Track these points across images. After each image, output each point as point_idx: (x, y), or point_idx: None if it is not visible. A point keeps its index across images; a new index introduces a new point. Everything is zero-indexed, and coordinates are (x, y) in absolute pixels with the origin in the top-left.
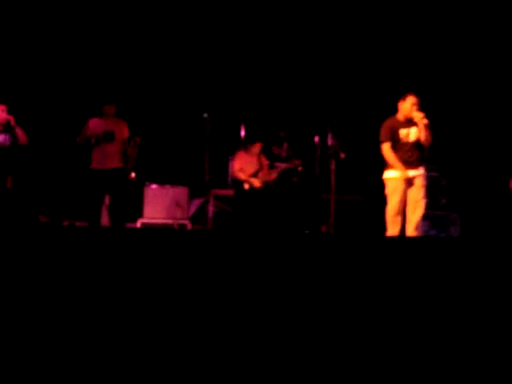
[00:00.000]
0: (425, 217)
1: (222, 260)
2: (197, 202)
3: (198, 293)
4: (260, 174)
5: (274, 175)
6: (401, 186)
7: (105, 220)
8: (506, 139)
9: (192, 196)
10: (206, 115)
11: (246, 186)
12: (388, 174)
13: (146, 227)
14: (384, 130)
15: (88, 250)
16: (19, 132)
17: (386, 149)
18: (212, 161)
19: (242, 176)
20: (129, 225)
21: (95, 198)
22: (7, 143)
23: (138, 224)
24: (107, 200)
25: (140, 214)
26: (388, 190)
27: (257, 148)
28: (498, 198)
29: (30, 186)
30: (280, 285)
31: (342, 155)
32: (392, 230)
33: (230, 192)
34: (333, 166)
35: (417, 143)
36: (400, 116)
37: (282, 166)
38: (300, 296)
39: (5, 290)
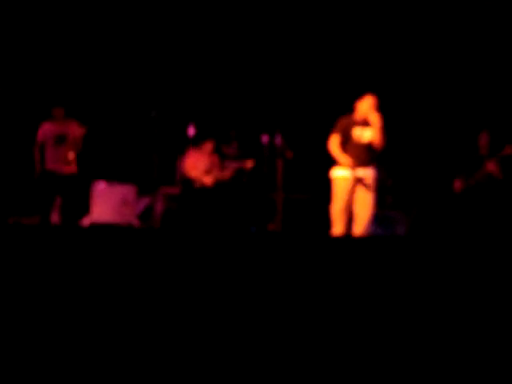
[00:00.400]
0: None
1: (169, 258)
2: (145, 200)
3: (145, 290)
4: (212, 173)
5: (228, 173)
6: (348, 184)
7: (55, 218)
8: (451, 140)
9: (140, 194)
10: (154, 113)
11: (197, 184)
12: (336, 173)
13: (94, 225)
14: (338, 124)
15: (36, 248)
16: None
17: (333, 140)
18: (160, 159)
19: (193, 174)
20: (77, 223)
21: (46, 198)
22: None
23: (86, 222)
24: (58, 200)
25: (87, 212)
26: (335, 189)
27: (208, 146)
28: (443, 198)
29: None
30: (226, 282)
31: (290, 154)
32: (337, 228)
33: (178, 190)
34: (280, 165)
35: (369, 145)
36: (357, 115)
37: (234, 165)
38: (246, 293)
39: None
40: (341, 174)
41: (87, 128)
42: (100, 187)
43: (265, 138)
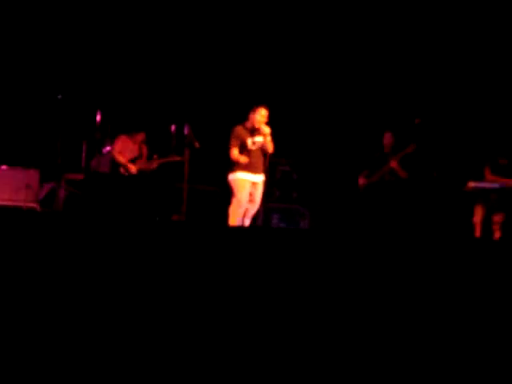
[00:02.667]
0: (275, 210)
1: (71, 243)
2: (48, 186)
3: (44, 273)
4: (138, 162)
5: (153, 165)
6: (247, 185)
7: None
8: (356, 138)
9: (43, 179)
10: (60, 97)
11: (122, 170)
12: (234, 176)
13: None
14: (233, 137)
15: None
16: None
17: (235, 153)
18: (65, 144)
19: (121, 159)
20: None
21: None
22: None
23: None
24: None
25: None
26: (235, 190)
27: (140, 137)
28: (347, 193)
29: None
30: (128, 270)
31: (197, 145)
32: (233, 223)
33: (81, 176)
34: (187, 156)
35: (261, 151)
36: (248, 124)
37: (161, 159)
38: (149, 283)
39: None
40: (239, 177)
41: None
42: (1, 170)
43: (173, 128)
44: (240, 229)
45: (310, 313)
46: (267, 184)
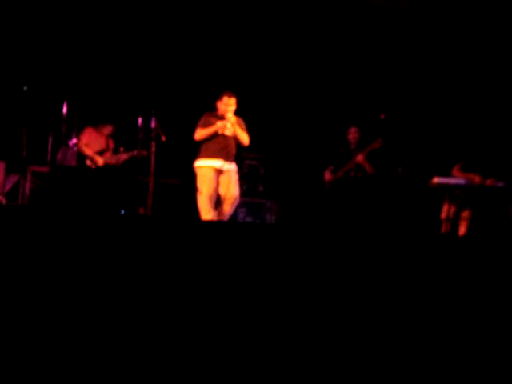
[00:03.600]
0: (241, 204)
1: (36, 236)
2: (13, 178)
3: (12, 269)
4: (105, 155)
5: (121, 158)
6: (211, 173)
7: None
8: (322, 134)
9: (8, 172)
10: (26, 88)
11: (89, 163)
12: (199, 163)
13: None
14: (200, 121)
15: None
16: None
17: (200, 132)
18: (30, 136)
19: (87, 151)
20: None
21: None
22: None
23: None
24: None
25: None
26: (199, 179)
27: (107, 129)
28: (313, 188)
29: None
30: (94, 264)
31: (163, 138)
32: (206, 217)
33: (47, 169)
34: (153, 149)
35: (233, 140)
36: (217, 113)
37: (128, 153)
38: (115, 276)
39: None
40: (204, 164)
41: None
42: None
43: (140, 121)
44: (205, 223)
45: (276, 307)
46: None
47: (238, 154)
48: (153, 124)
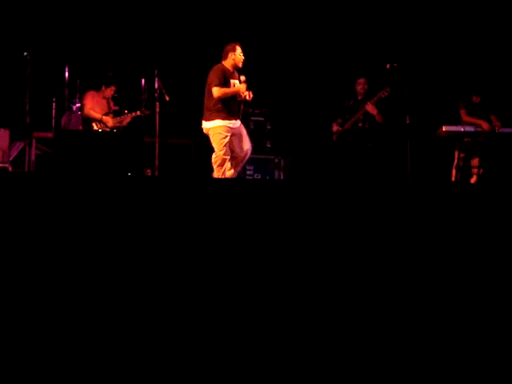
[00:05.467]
0: (249, 161)
1: (44, 203)
2: (18, 145)
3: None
4: (110, 117)
5: (126, 119)
6: (227, 133)
7: None
8: (328, 84)
9: (13, 139)
10: (26, 54)
11: (96, 127)
12: (214, 123)
13: None
14: (218, 75)
15: None
16: None
17: (219, 90)
18: (34, 102)
19: (95, 115)
20: None
21: None
22: None
23: None
24: None
25: None
26: (215, 139)
27: (109, 91)
28: (320, 142)
29: None
30: (103, 227)
31: (167, 98)
32: (219, 173)
33: (52, 135)
34: (158, 109)
35: (237, 97)
36: (227, 65)
37: (131, 114)
38: (124, 240)
39: None
40: (218, 124)
41: None
42: None
43: (143, 81)
44: (214, 181)
45: (285, 263)
46: None
47: (243, 110)
48: (156, 84)
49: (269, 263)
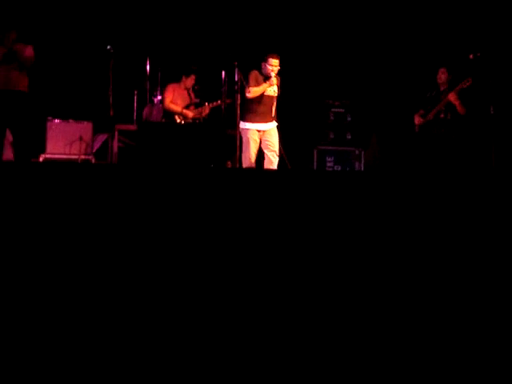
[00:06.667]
0: (329, 152)
1: (126, 194)
2: (101, 138)
3: (102, 227)
4: (190, 109)
5: (206, 111)
6: (255, 136)
7: (8, 156)
8: (410, 75)
9: (96, 131)
10: (109, 47)
11: (178, 119)
12: (243, 126)
13: (49, 162)
14: (251, 78)
15: None
16: None
17: (252, 89)
18: (116, 95)
19: (175, 108)
20: (32, 160)
21: None
22: None
23: (41, 159)
24: (10, 136)
25: (43, 150)
26: (243, 140)
27: (190, 81)
28: (402, 133)
29: None
30: (185, 219)
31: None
32: None
33: (134, 127)
34: (239, 101)
35: (274, 99)
36: (263, 72)
37: (212, 104)
38: (206, 230)
39: None
40: (248, 127)
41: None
42: (55, 124)
43: (223, 74)
44: (297, 172)
45: (365, 254)
46: (321, 126)
47: (323, 101)
48: (236, 76)
49: (352, 257)
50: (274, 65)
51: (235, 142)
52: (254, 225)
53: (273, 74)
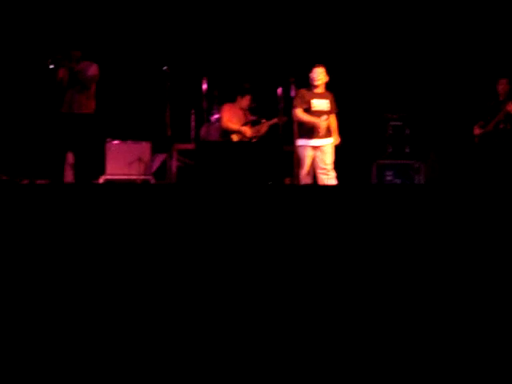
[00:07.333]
0: (388, 166)
1: (186, 214)
2: (159, 157)
3: (162, 247)
4: (248, 126)
5: (263, 129)
6: (309, 152)
7: (68, 178)
8: (468, 86)
9: (154, 151)
10: (165, 68)
11: (235, 138)
12: (298, 143)
13: (109, 183)
14: (297, 98)
15: (51, 207)
16: None
17: (299, 112)
18: (174, 115)
19: (233, 126)
20: (92, 182)
21: (59, 149)
22: None
23: (101, 181)
24: (71, 158)
25: (102, 171)
26: (298, 157)
27: (245, 101)
28: (462, 145)
29: None
30: (245, 236)
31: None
32: None
33: (192, 146)
34: (295, 118)
35: (326, 114)
36: (311, 87)
37: (268, 122)
38: (266, 246)
39: None
40: (302, 143)
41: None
42: (114, 145)
43: (280, 91)
44: (356, 187)
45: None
46: (379, 140)
47: (381, 115)
48: (293, 93)
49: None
50: (317, 74)
51: (293, 159)
52: (317, 240)
53: (317, 83)
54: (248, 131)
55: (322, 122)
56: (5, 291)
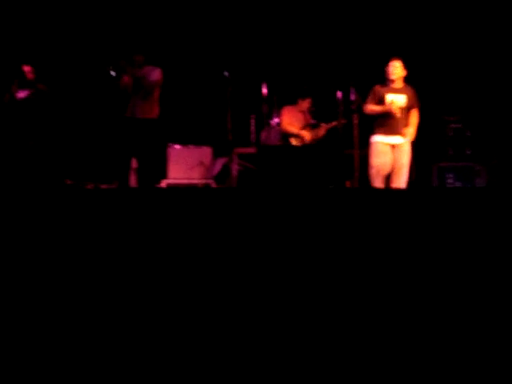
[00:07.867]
0: (449, 169)
1: (248, 218)
2: (220, 162)
3: (224, 251)
4: (307, 129)
5: (322, 132)
6: (385, 149)
7: (131, 183)
8: None
9: (215, 155)
10: (226, 73)
11: (294, 142)
12: (373, 139)
13: (171, 187)
14: (371, 92)
15: (116, 211)
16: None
17: (367, 106)
18: (234, 119)
19: (292, 130)
20: (155, 186)
21: (124, 154)
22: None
23: (163, 185)
24: (134, 163)
25: (164, 176)
26: (372, 154)
27: (306, 104)
28: None
29: (53, 148)
30: (306, 240)
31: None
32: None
33: (253, 150)
34: (356, 121)
35: (405, 110)
36: (387, 81)
37: (327, 125)
38: (325, 250)
39: (29, 255)
40: (378, 140)
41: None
42: (175, 150)
43: (339, 94)
44: (418, 190)
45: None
46: (439, 143)
47: (440, 117)
48: (353, 96)
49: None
50: (392, 68)
51: (353, 162)
52: (377, 243)
53: (392, 77)
54: (307, 135)
55: (395, 108)
56: (75, 294)
